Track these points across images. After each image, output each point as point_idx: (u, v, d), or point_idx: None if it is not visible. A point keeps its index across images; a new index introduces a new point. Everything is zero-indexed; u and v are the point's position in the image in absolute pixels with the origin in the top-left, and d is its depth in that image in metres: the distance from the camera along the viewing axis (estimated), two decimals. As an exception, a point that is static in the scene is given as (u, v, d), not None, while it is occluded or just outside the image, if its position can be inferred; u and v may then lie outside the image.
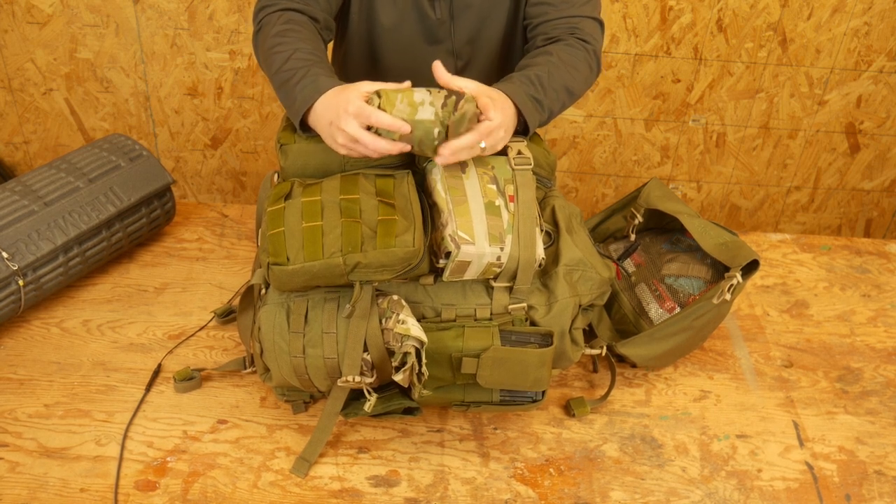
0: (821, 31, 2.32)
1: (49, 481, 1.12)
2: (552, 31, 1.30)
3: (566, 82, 1.23)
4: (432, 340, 1.11)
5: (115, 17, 2.30)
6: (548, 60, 1.23)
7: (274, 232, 1.08)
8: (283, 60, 1.16)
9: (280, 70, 1.16)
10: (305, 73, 1.13)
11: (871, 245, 1.70)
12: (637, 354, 1.31)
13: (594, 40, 1.30)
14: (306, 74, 1.13)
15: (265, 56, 1.21)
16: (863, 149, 2.57)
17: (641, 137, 2.54)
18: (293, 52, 1.16)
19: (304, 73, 1.13)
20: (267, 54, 1.20)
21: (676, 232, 1.43)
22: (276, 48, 1.18)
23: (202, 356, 1.33)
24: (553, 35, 1.30)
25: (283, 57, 1.16)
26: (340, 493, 1.13)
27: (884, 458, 1.24)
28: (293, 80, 1.13)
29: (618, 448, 1.22)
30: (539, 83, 1.19)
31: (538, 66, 1.22)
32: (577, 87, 1.25)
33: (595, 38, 1.31)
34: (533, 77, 1.19)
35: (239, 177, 2.65)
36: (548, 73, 1.21)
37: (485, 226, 1.09)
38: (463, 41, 1.39)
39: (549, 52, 1.26)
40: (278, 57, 1.17)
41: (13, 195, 1.35)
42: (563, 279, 1.18)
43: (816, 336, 1.47)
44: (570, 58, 1.25)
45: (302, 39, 1.19)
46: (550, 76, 1.20)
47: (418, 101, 1.05)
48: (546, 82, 1.19)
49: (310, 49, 1.18)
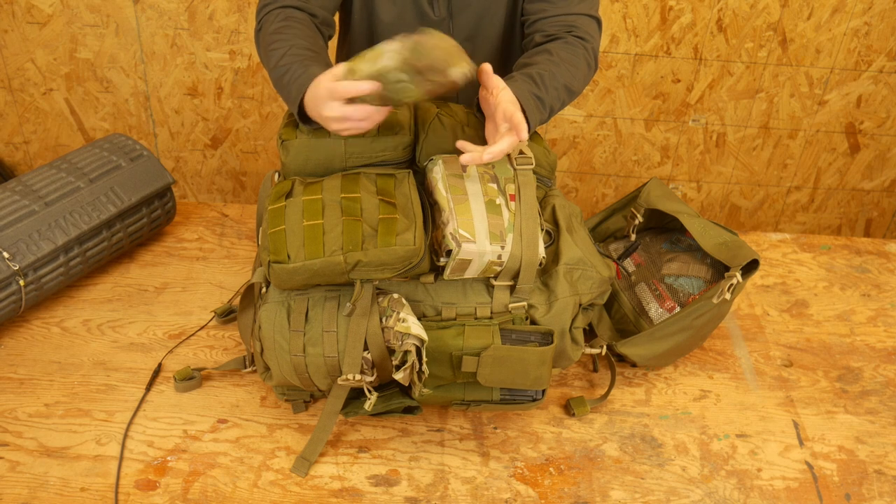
0: (821, 31, 2.32)
1: (49, 481, 1.12)
2: (550, 28, 1.30)
3: (566, 81, 1.23)
4: (433, 339, 1.11)
5: (115, 17, 2.30)
6: (548, 59, 1.23)
7: (275, 230, 1.08)
8: (280, 56, 1.17)
9: (277, 66, 1.17)
10: (299, 66, 1.14)
11: (870, 245, 1.70)
12: (637, 354, 1.31)
13: (592, 38, 1.31)
14: (300, 68, 1.14)
15: (265, 53, 1.22)
16: (863, 149, 2.57)
17: (641, 137, 2.54)
18: (289, 48, 1.17)
19: (298, 66, 1.14)
20: (266, 51, 1.21)
21: (676, 231, 1.43)
22: (273, 44, 1.19)
23: (202, 356, 1.33)
24: (551, 32, 1.30)
25: (280, 53, 1.17)
26: (340, 492, 1.13)
27: (883, 457, 1.24)
28: (288, 75, 1.15)
29: (618, 447, 1.23)
30: (541, 81, 1.19)
31: (539, 64, 1.22)
32: (576, 85, 1.25)
33: (593, 35, 1.31)
34: (535, 75, 1.20)
35: (239, 177, 2.65)
36: (549, 71, 1.21)
37: (485, 224, 1.09)
38: (461, 39, 1.39)
39: (548, 50, 1.26)
40: (276, 53, 1.18)
41: (14, 195, 1.35)
42: (563, 278, 1.18)
43: (816, 336, 1.47)
44: (569, 56, 1.25)
45: (299, 35, 1.20)
46: (552, 75, 1.21)
47: (378, 53, 1.05)
48: (547, 81, 1.20)
49: (306, 45, 1.18)
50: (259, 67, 2.39)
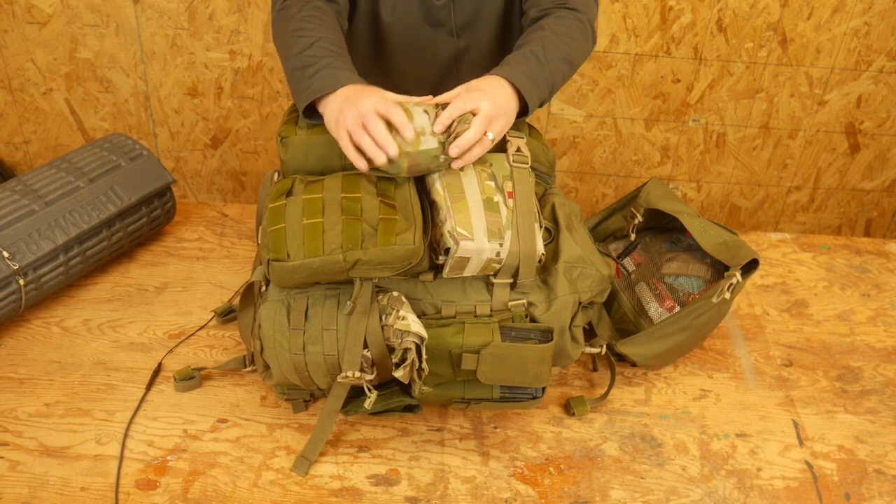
0: (821, 31, 2.32)
1: (50, 480, 1.12)
2: (543, 2, 1.32)
3: (563, 53, 1.23)
4: (432, 337, 1.11)
5: (115, 17, 2.30)
6: (541, 36, 1.24)
7: (274, 228, 1.08)
8: (306, 45, 1.17)
9: (301, 54, 1.17)
10: (329, 63, 1.15)
11: (870, 245, 1.70)
12: (637, 353, 1.31)
13: (586, 9, 1.31)
14: (329, 65, 1.14)
15: (285, 36, 1.22)
16: (863, 149, 2.57)
17: (641, 137, 2.54)
18: (317, 40, 1.18)
19: (327, 62, 1.15)
20: (288, 35, 1.21)
21: (676, 231, 1.43)
22: (299, 31, 1.19)
23: (202, 355, 1.33)
24: (544, 6, 1.31)
25: (306, 42, 1.17)
26: (340, 491, 1.13)
27: (883, 456, 1.24)
28: (314, 67, 1.15)
29: (617, 447, 1.23)
30: (535, 59, 1.19)
31: (532, 42, 1.23)
32: (574, 56, 1.26)
33: (587, 7, 1.32)
34: (528, 54, 1.20)
35: (239, 177, 2.65)
36: (542, 47, 1.21)
37: (483, 222, 1.09)
38: (462, 22, 1.40)
39: (541, 27, 1.26)
40: (301, 41, 1.18)
41: (13, 195, 1.35)
42: (562, 276, 1.18)
43: (816, 335, 1.47)
44: (563, 28, 1.26)
45: (327, 28, 1.21)
46: (545, 50, 1.21)
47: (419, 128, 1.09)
48: (542, 57, 1.20)
49: (334, 40, 1.20)
50: (259, 67, 2.39)
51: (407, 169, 1.10)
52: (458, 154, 1.10)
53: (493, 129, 1.11)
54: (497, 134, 1.13)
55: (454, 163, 1.11)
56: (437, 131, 1.09)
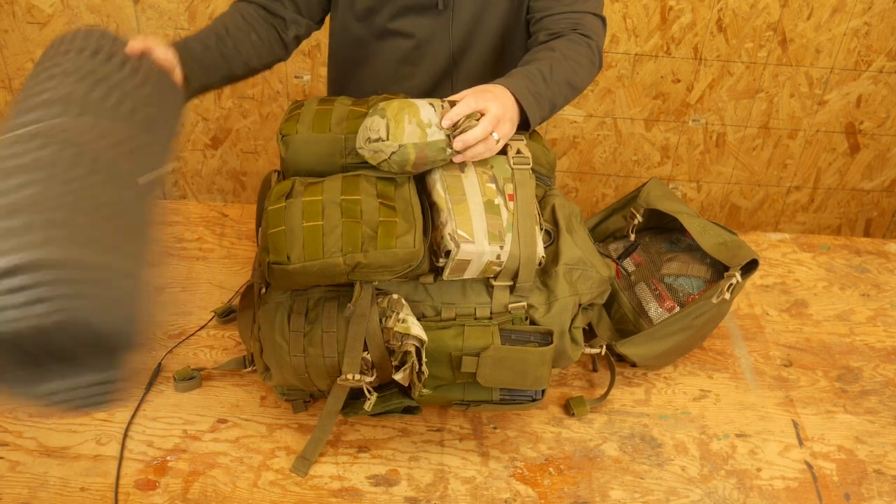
0: (821, 31, 2.32)
1: (49, 480, 1.12)
2: (555, 26, 1.31)
3: (568, 77, 1.23)
4: (432, 339, 1.11)
5: (115, 17, 2.30)
6: (550, 56, 1.24)
7: (274, 231, 1.08)
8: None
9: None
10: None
11: (870, 245, 1.70)
12: (637, 354, 1.31)
13: (596, 36, 1.31)
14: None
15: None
16: (863, 149, 2.57)
17: (641, 137, 2.54)
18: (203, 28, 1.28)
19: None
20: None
21: (676, 231, 1.43)
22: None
23: (202, 356, 1.33)
24: (555, 30, 1.31)
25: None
26: (340, 492, 1.13)
27: (883, 457, 1.24)
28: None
29: (617, 447, 1.23)
30: (541, 77, 1.20)
31: (540, 61, 1.23)
32: (579, 81, 1.26)
33: (597, 33, 1.32)
34: (534, 71, 1.20)
35: (239, 177, 2.65)
36: (549, 67, 1.21)
37: (484, 224, 1.09)
38: (461, 31, 1.39)
39: (551, 47, 1.26)
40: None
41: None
42: (563, 278, 1.18)
43: (816, 335, 1.47)
44: (573, 53, 1.26)
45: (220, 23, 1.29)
46: (552, 71, 1.21)
47: (425, 121, 1.08)
48: (548, 76, 1.20)
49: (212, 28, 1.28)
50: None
51: (414, 161, 1.09)
52: (462, 148, 1.09)
53: (500, 131, 1.11)
54: (503, 136, 1.12)
55: (457, 157, 1.11)
56: (445, 126, 1.09)
